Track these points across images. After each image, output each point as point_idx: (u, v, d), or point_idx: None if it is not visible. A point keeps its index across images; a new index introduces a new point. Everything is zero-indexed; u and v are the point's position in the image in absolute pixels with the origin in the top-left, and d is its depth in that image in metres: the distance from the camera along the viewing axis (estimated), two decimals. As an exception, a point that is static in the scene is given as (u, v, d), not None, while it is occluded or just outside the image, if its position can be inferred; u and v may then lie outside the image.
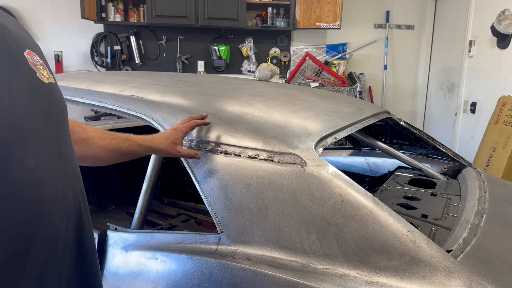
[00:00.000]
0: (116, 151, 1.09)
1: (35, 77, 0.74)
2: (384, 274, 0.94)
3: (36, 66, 0.76)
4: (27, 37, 0.81)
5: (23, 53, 0.75)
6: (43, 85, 0.75)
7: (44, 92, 0.75)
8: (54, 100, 0.78)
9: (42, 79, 0.76)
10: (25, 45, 0.77)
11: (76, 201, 0.79)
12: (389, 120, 1.86)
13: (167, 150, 1.13)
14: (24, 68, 0.73)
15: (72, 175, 0.80)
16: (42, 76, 0.76)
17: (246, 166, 1.12)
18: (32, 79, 0.74)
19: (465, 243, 1.06)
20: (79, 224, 0.80)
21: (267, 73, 2.07)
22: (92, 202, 2.39)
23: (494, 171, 3.13)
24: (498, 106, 3.34)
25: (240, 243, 1.07)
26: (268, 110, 1.34)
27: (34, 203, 0.69)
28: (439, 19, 5.00)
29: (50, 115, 0.75)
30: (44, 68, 0.78)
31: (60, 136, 0.77)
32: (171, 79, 1.72)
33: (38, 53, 0.80)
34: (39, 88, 0.74)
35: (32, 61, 0.76)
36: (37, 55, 0.79)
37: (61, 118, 0.79)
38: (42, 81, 0.76)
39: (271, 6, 4.76)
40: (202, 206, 2.25)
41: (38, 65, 0.77)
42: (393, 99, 5.33)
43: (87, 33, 4.70)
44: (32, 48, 0.79)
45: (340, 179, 1.05)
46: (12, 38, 0.75)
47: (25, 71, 0.73)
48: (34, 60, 0.77)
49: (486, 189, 1.50)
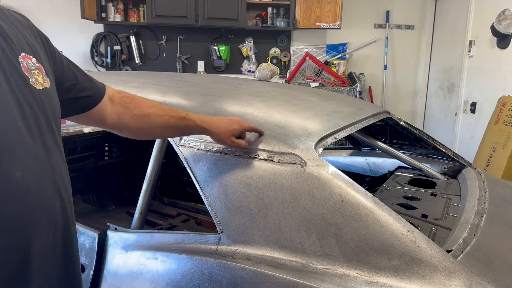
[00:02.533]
0: (173, 128, 1.09)
1: (26, 84, 0.73)
2: (384, 274, 0.94)
3: (30, 72, 0.74)
4: (25, 37, 0.79)
5: (17, 58, 0.73)
6: (34, 92, 0.74)
7: (34, 100, 0.73)
8: (45, 109, 0.76)
9: (35, 85, 0.74)
10: (20, 49, 0.75)
11: (63, 211, 0.78)
12: (389, 120, 1.86)
13: (222, 138, 1.12)
14: (16, 75, 0.71)
15: (61, 184, 0.78)
16: (36, 82, 0.75)
17: (246, 166, 1.12)
18: (22, 86, 0.72)
19: (465, 243, 1.06)
20: (66, 234, 0.80)
21: (267, 73, 2.07)
22: (92, 202, 2.39)
23: (494, 171, 3.13)
24: (498, 106, 3.34)
25: (240, 243, 1.07)
26: (268, 110, 1.34)
27: (21, 215, 0.68)
28: (439, 19, 5.00)
29: (39, 124, 0.74)
30: (39, 73, 0.77)
31: (49, 145, 0.76)
32: (171, 79, 1.72)
33: (36, 54, 0.78)
34: (29, 96, 0.72)
35: (27, 66, 0.74)
36: (34, 57, 0.77)
37: (52, 126, 0.78)
38: (34, 88, 0.74)
39: (271, 6, 4.75)
40: (202, 206, 2.25)
41: (33, 69, 0.76)
42: (393, 99, 5.33)
43: (87, 33, 4.70)
44: (30, 50, 0.77)
45: (340, 179, 1.05)
46: (8, 41, 0.73)
47: (16, 78, 0.71)
48: (29, 65, 0.75)
49: (486, 189, 1.50)
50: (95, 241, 1.25)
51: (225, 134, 1.12)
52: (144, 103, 1.06)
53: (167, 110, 1.08)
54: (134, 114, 1.03)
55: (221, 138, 1.12)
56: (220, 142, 1.14)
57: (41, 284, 0.73)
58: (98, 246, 1.25)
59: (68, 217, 0.81)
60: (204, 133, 1.13)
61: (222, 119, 1.15)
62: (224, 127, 1.12)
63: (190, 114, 1.11)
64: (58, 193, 0.77)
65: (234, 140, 1.13)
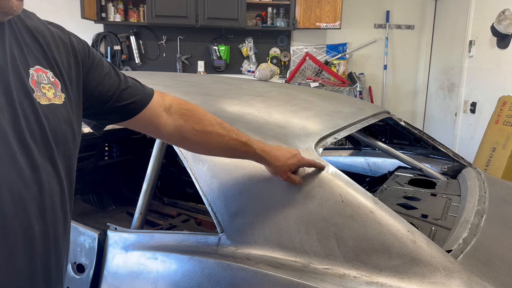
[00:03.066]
0: (233, 151, 1.04)
1: (28, 97, 0.70)
2: (384, 274, 0.94)
3: (39, 85, 0.72)
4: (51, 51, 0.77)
5: (28, 69, 0.71)
6: (36, 106, 0.70)
7: (33, 114, 0.70)
8: (45, 124, 0.72)
9: (39, 99, 0.71)
10: (37, 61, 0.73)
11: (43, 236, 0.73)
12: (389, 120, 1.86)
13: (278, 171, 1.06)
14: (18, 86, 0.69)
15: (48, 206, 0.73)
16: (42, 96, 0.72)
17: (246, 166, 1.12)
18: (22, 98, 0.69)
19: (465, 243, 1.06)
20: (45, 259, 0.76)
21: (267, 73, 2.07)
22: (92, 202, 2.39)
23: (494, 171, 3.13)
24: (498, 106, 3.34)
25: (240, 243, 1.07)
26: (268, 110, 1.34)
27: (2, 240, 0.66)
28: (439, 19, 5.00)
29: (34, 139, 0.70)
30: (51, 88, 0.74)
31: (41, 163, 0.71)
32: (171, 79, 1.72)
33: (55, 69, 0.76)
34: (29, 109, 0.69)
35: (37, 79, 0.72)
36: (52, 71, 0.75)
37: (50, 143, 0.73)
38: (37, 102, 0.71)
39: (271, 6, 4.75)
40: (202, 206, 2.25)
41: (44, 83, 0.73)
42: (393, 99, 5.33)
43: (87, 33, 4.70)
44: (48, 64, 0.75)
45: (340, 179, 1.05)
46: (23, 51, 0.71)
47: (18, 88, 0.69)
48: (40, 78, 0.72)
49: (486, 189, 1.50)
50: (95, 241, 1.25)
51: (282, 168, 1.06)
52: (206, 119, 1.01)
53: (229, 130, 1.03)
54: (194, 129, 0.98)
55: (277, 171, 1.06)
56: (275, 175, 1.08)
57: None
58: (98, 246, 1.25)
59: (50, 243, 0.75)
60: (262, 162, 1.07)
61: (282, 150, 1.09)
62: (283, 160, 1.06)
63: (252, 140, 1.06)
64: (40, 215, 0.71)
65: (290, 176, 1.06)
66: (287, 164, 1.05)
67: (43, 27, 0.80)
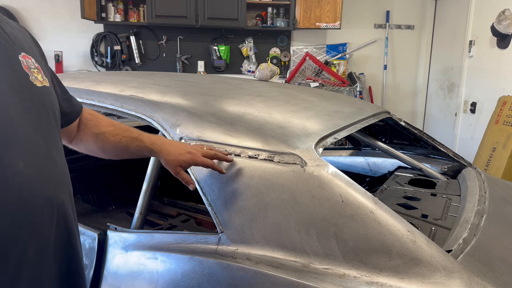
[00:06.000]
0: (124, 149, 1.06)
1: (27, 81, 0.75)
2: (384, 274, 0.94)
3: (30, 70, 0.77)
4: (24, 40, 0.82)
5: (17, 56, 0.76)
6: (34, 89, 0.76)
7: (34, 96, 0.76)
8: (45, 104, 0.78)
9: (35, 82, 0.77)
10: (20, 48, 0.78)
11: (65, 204, 0.79)
12: (389, 120, 1.86)
13: (169, 165, 1.07)
14: (17, 71, 0.74)
15: (63, 179, 0.79)
16: (36, 79, 0.77)
17: (246, 166, 1.12)
18: (23, 82, 0.74)
19: (465, 243, 1.06)
20: (68, 227, 0.80)
21: (267, 73, 2.07)
22: (92, 202, 2.38)
23: (494, 171, 3.13)
24: (498, 106, 3.34)
25: (240, 243, 1.07)
26: (268, 110, 1.34)
27: (22, 204, 0.68)
28: (439, 19, 5.00)
29: (40, 119, 0.75)
30: (38, 72, 0.79)
31: (50, 140, 0.77)
32: (171, 79, 1.72)
33: (34, 56, 0.81)
34: (30, 92, 0.75)
35: (26, 64, 0.77)
36: (33, 58, 0.80)
37: (52, 122, 0.79)
38: (34, 85, 0.76)
39: (271, 6, 4.76)
40: (202, 206, 2.25)
41: (33, 68, 0.78)
42: (393, 99, 5.33)
43: (87, 33, 4.70)
44: (29, 51, 0.80)
45: (340, 179, 1.05)
46: (8, 41, 0.76)
47: (18, 74, 0.74)
48: (29, 63, 0.77)
49: (486, 189, 1.50)
50: (95, 241, 1.25)
51: (172, 162, 1.05)
52: (103, 121, 1.05)
53: (122, 130, 1.05)
54: (91, 132, 1.03)
55: (168, 165, 1.07)
56: (167, 167, 1.08)
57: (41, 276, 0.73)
58: (98, 246, 1.25)
59: (70, 214, 0.81)
60: (153, 155, 1.09)
61: (177, 145, 1.08)
62: (174, 155, 1.05)
63: (144, 134, 1.07)
64: (60, 187, 0.77)
65: (179, 172, 1.06)
66: (177, 159, 1.05)
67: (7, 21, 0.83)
